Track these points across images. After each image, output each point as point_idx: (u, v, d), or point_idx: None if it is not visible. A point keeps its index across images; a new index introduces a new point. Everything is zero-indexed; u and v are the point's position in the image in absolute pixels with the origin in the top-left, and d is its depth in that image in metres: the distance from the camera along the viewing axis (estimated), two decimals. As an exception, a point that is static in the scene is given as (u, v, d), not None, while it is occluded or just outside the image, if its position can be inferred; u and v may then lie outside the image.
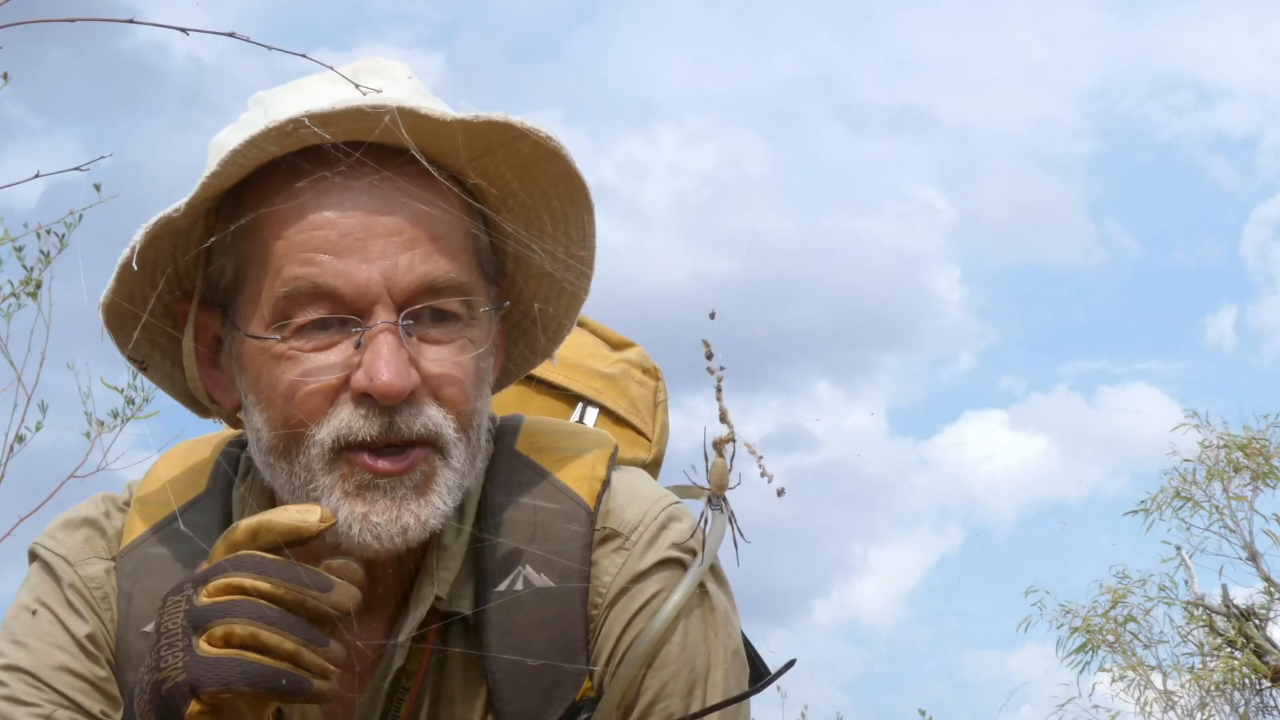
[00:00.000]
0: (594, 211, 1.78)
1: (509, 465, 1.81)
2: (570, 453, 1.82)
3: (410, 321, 1.66)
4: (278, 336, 1.66)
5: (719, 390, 1.67)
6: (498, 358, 1.81)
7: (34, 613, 1.79)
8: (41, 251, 4.94)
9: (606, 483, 1.80)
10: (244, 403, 1.72)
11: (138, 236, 1.68)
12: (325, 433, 1.65)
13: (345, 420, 1.64)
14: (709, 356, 1.69)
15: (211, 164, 1.66)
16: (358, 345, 1.64)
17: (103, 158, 2.76)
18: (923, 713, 8.43)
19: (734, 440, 1.70)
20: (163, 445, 1.92)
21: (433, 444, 1.67)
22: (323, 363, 1.65)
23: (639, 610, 1.74)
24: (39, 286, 4.92)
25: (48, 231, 4.88)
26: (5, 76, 4.36)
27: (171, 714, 1.48)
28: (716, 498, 1.72)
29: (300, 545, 1.52)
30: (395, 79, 1.76)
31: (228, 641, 1.47)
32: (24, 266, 4.95)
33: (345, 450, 1.65)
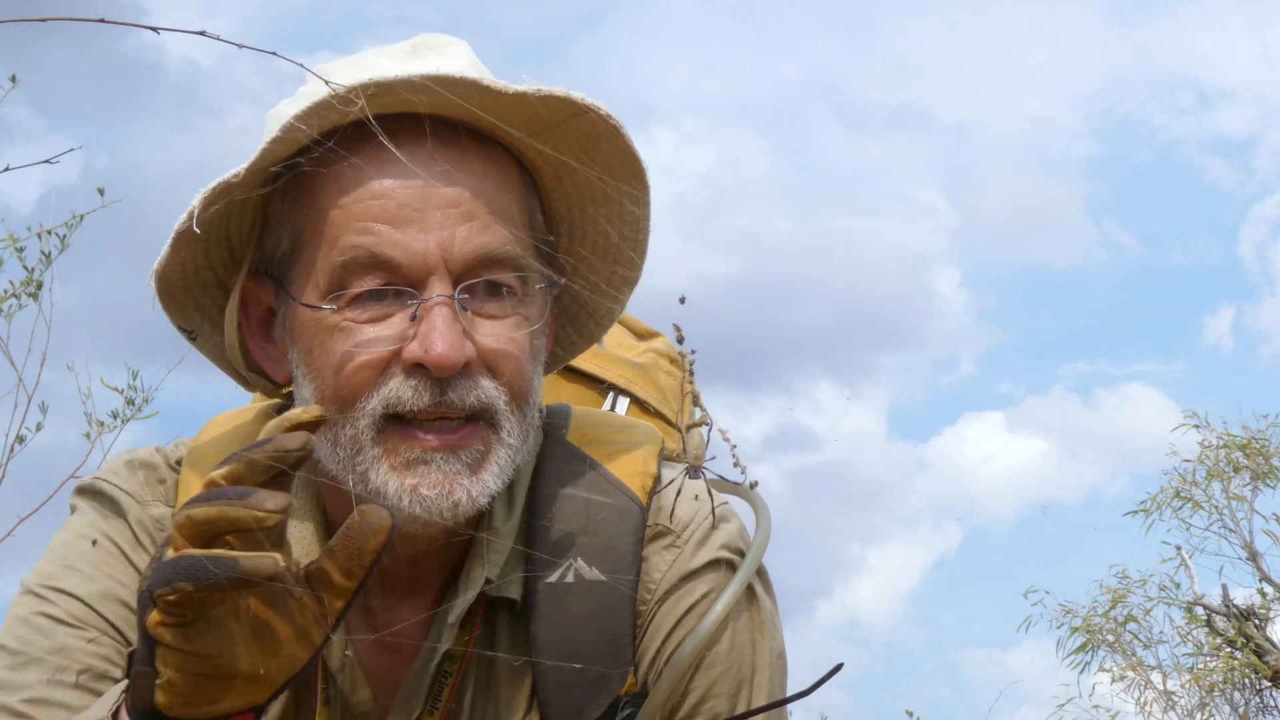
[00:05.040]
0: (649, 192, 1.77)
1: (560, 456, 1.80)
2: (621, 447, 1.81)
3: (466, 295, 1.64)
4: (332, 306, 1.64)
5: (690, 374, 1.68)
6: (549, 339, 1.80)
7: (94, 542, 1.76)
8: (43, 252, 4.93)
9: (658, 479, 1.79)
10: (294, 375, 1.70)
11: (195, 202, 1.65)
12: (375, 402, 1.62)
13: (395, 390, 1.62)
14: (680, 340, 1.70)
15: (270, 133, 1.64)
16: (413, 317, 1.63)
17: (71, 150, 2.75)
18: (910, 714, 8.43)
19: (709, 424, 1.72)
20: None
21: (485, 418, 1.65)
22: (376, 334, 1.63)
23: (688, 610, 1.74)
24: (40, 287, 4.91)
25: (49, 232, 4.88)
26: (14, 79, 4.37)
27: (142, 622, 1.41)
28: (696, 469, 1.73)
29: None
30: (455, 54, 1.75)
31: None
32: (25, 267, 4.94)
33: (393, 422, 1.63)
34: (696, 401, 1.70)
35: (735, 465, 1.67)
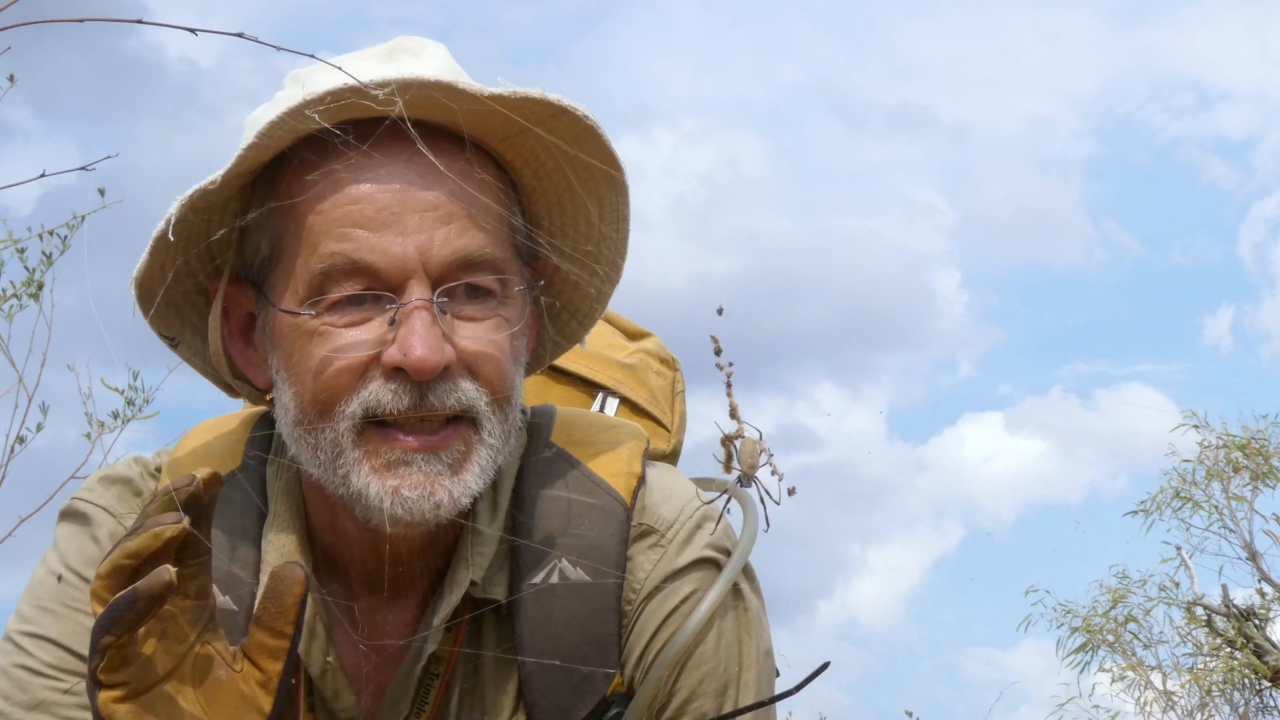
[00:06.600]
0: (628, 192, 1.77)
1: (544, 457, 1.80)
2: (606, 447, 1.81)
3: (445, 299, 1.64)
4: (311, 312, 1.64)
5: (728, 386, 1.67)
6: (530, 340, 1.80)
7: (59, 578, 1.76)
8: (43, 253, 4.92)
9: (642, 479, 1.80)
10: (275, 380, 1.70)
11: (173, 209, 1.66)
12: (355, 405, 1.63)
13: (374, 393, 1.62)
14: (718, 352, 1.69)
15: (248, 139, 1.64)
16: (392, 322, 1.63)
17: (109, 157, 2.75)
18: (910, 714, 8.44)
19: (743, 437, 1.70)
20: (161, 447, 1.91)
21: (467, 419, 1.66)
22: (355, 339, 1.63)
23: (674, 609, 1.74)
24: (40, 288, 4.90)
25: (50, 233, 4.87)
26: (12, 79, 4.36)
27: (94, 703, 1.49)
28: (748, 478, 1.71)
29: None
30: (432, 57, 1.75)
31: None
32: (25, 268, 4.94)
33: (374, 425, 1.64)
34: (734, 415, 1.69)
35: (772, 474, 1.66)
